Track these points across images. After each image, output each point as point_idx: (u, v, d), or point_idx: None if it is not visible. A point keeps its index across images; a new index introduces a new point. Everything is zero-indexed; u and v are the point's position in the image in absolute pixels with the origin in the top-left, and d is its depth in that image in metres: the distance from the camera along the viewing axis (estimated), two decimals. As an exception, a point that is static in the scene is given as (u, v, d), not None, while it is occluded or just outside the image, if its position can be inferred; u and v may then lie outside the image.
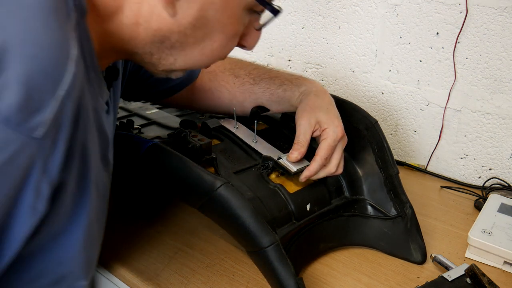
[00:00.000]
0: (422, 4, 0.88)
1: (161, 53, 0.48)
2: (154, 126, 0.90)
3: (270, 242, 0.55)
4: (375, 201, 0.71)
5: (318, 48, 1.06)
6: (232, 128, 0.76)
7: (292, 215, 0.64)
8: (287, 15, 1.08)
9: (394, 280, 0.63)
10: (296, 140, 0.66)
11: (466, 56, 0.86)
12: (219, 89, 0.77)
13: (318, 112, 0.66)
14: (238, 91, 0.75)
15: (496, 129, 0.86)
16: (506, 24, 0.80)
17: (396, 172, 0.70)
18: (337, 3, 0.99)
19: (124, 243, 0.69)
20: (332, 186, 0.70)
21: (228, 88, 0.76)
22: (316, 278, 0.63)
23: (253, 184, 0.65)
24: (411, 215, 0.68)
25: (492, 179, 0.89)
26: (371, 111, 1.00)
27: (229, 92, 0.76)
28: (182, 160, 0.61)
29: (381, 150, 0.72)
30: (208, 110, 0.82)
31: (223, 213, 0.58)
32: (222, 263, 0.66)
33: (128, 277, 0.63)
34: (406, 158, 1.00)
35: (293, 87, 0.71)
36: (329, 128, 0.65)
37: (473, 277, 0.57)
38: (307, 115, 0.66)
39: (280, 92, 0.72)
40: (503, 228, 0.69)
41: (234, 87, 0.76)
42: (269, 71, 0.75)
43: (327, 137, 0.65)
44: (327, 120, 0.66)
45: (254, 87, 0.74)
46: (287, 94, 0.71)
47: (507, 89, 0.83)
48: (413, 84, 0.94)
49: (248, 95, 0.75)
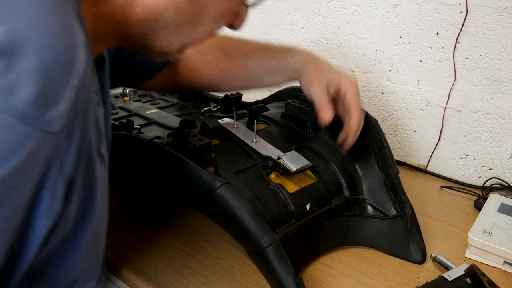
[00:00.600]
0: (422, 4, 0.88)
1: (155, 34, 0.46)
2: (154, 126, 0.90)
3: (270, 242, 0.55)
4: (375, 200, 0.71)
5: (318, 48, 1.05)
6: (231, 128, 0.76)
7: (292, 215, 0.64)
8: (287, 15, 1.08)
9: (394, 280, 0.63)
10: (319, 105, 0.66)
11: (466, 56, 0.86)
12: (208, 67, 0.76)
13: (324, 73, 0.67)
14: (229, 67, 0.75)
15: (496, 129, 0.86)
16: (506, 24, 0.80)
17: (396, 172, 0.70)
18: (337, 3, 0.99)
19: (124, 243, 0.69)
20: (332, 186, 0.70)
21: (218, 65, 0.75)
22: (316, 278, 0.63)
23: (253, 184, 0.65)
24: (411, 215, 0.68)
25: (492, 179, 0.88)
26: (371, 111, 1.00)
27: (220, 69, 0.75)
28: (181, 160, 0.61)
29: (381, 150, 0.72)
30: (195, 89, 0.81)
31: (222, 213, 0.58)
32: (222, 263, 0.66)
33: (128, 277, 0.63)
34: (406, 158, 1.00)
35: (286, 57, 0.72)
36: (343, 80, 0.66)
37: (473, 277, 0.57)
38: (316, 79, 0.67)
39: (273, 63, 0.72)
40: (503, 228, 0.69)
41: (225, 64, 0.75)
42: (260, 45, 0.75)
43: (349, 88, 0.65)
44: (336, 75, 0.67)
45: (247, 62, 0.74)
46: (280, 64, 0.72)
47: (507, 89, 0.83)
48: (413, 84, 0.94)
49: (240, 70, 0.74)
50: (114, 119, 0.91)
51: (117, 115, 0.95)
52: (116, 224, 0.74)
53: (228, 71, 0.75)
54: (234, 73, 0.75)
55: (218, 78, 0.76)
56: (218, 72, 0.75)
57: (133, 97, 1.07)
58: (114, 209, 0.78)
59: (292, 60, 0.71)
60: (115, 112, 0.97)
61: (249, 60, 0.74)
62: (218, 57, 0.75)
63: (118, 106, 1.00)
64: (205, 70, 0.76)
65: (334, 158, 0.73)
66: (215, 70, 0.75)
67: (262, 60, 0.73)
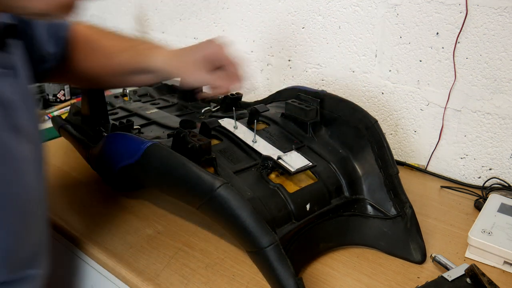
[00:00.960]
0: (422, 4, 0.88)
1: None
2: (154, 126, 0.90)
3: (270, 242, 0.55)
4: (375, 200, 0.71)
5: (318, 48, 1.06)
6: (231, 128, 0.76)
7: (292, 215, 0.64)
8: (287, 15, 1.08)
9: (394, 280, 0.63)
10: (210, 86, 0.69)
11: (466, 56, 0.86)
12: (93, 67, 0.74)
13: (189, 61, 0.69)
14: (107, 64, 0.74)
15: (496, 129, 0.86)
16: (506, 24, 0.80)
17: (396, 172, 0.70)
18: (337, 3, 0.99)
19: (124, 243, 0.69)
20: (332, 186, 0.70)
21: (99, 64, 0.74)
22: (316, 278, 0.63)
23: (253, 184, 0.65)
24: (411, 215, 0.68)
25: (492, 179, 0.88)
26: (371, 111, 1.00)
27: (102, 68, 0.74)
28: (181, 160, 0.61)
29: (381, 150, 0.72)
30: (91, 86, 0.82)
31: (222, 213, 0.58)
32: (222, 263, 0.66)
33: (128, 277, 0.63)
34: (406, 158, 1.00)
35: (147, 59, 0.72)
36: (209, 52, 0.68)
37: (473, 277, 0.57)
38: (187, 72, 0.69)
39: (136, 65, 0.72)
40: (503, 228, 0.69)
41: (105, 62, 0.74)
42: (124, 44, 0.74)
43: (217, 54, 0.68)
44: (200, 52, 0.69)
45: (111, 62, 0.73)
46: (143, 66, 0.72)
47: (507, 89, 0.83)
48: (413, 84, 0.94)
49: (107, 68, 0.74)
50: (114, 119, 0.91)
51: (117, 115, 0.95)
52: (116, 224, 0.74)
53: (107, 69, 0.74)
54: (111, 71, 0.74)
55: (98, 77, 0.75)
56: (100, 70, 0.75)
57: (133, 97, 1.07)
58: (114, 209, 0.78)
59: (153, 63, 0.71)
60: (115, 112, 0.97)
61: (113, 60, 0.73)
62: (99, 56, 0.74)
63: (118, 106, 1.00)
64: (90, 71, 0.75)
65: (334, 158, 0.73)
66: (98, 69, 0.75)
67: (126, 60, 0.73)
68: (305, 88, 0.85)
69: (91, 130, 0.85)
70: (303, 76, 1.10)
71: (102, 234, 0.71)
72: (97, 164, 0.77)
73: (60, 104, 1.17)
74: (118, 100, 1.05)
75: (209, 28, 1.25)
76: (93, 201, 0.79)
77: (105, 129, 0.84)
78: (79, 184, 0.85)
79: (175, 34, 1.34)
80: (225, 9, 1.20)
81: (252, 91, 1.17)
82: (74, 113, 0.93)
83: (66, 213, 0.76)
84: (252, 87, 1.19)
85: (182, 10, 1.29)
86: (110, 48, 0.74)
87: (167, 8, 1.33)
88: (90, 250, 0.69)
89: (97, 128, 0.84)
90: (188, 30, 1.30)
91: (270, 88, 1.17)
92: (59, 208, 0.77)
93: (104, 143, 0.73)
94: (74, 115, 0.93)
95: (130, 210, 0.77)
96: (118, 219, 0.75)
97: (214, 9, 1.22)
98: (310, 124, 0.78)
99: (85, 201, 0.79)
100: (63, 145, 0.98)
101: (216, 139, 0.75)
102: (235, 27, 1.19)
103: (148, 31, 1.40)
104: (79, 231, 0.72)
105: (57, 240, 0.81)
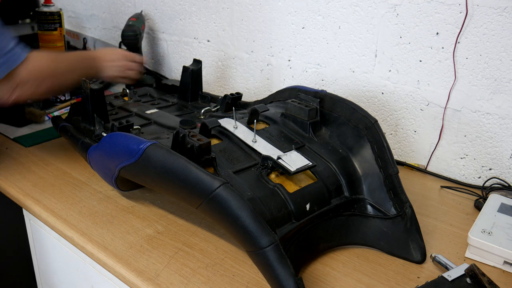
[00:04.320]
0: (422, 4, 0.88)
1: None
2: (154, 126, 0.90)
3: (270, 242, 0.55)
4: (375, 200, 0.71)
5: (318, 48, 1.05)
6: (231, 128, 0.76)
7: (292, 215, 0.64)
8: (287, 15, 1.08)
9: (394, 280, 0.63)
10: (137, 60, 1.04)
11: (466, 56, 0.86)
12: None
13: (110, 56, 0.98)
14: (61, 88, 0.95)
15: (496, 129, 0.86)
16: (506, 24, 0.80)
17: (396, 172, 0.70)
18: (337, 3, 0.99)
19: (124, 243, 0.69)
20: (332, 186, 0.70)
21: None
22: (316, 278, 0.63)
23: (253, 184, 0.65)
24: (410, 214, 0.68)
25: (492, 179, 0.88)
26: (371, 111, 1.00)
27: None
28: (181, 160, 0.61)
29: (380, 150, 0.72)
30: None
31: (222, 213, 0.58)
32: (222, 263, 0.66)
33: (128, 277, 0.63)
34: (406, 158, 1.00)
35: (95, 71, 0.96)
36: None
37: (473, 277, 0.57)
38: (113, 64, 0.98)
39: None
40: (503, 228, 0.69)
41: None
42: (74, 62, 0.93)
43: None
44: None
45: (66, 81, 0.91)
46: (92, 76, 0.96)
47: (507, 89, 0.83)
48: (413, 84, 0.94)
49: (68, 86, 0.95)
50: (114, 119, 0.91)
51: (117, 115, 0.95)
52: (116, 224, 0.74)
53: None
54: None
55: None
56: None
57: (133, 97, 1.07)
58: (114, 209, 0.78)
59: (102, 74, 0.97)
60: (115, 112, 0.97)
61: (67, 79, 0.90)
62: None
63: (118, 106, 1.00)
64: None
65: (334, 158, 0.73)
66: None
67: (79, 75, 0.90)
68: (305, 88, 0.85)
69: (91, 130, 0.85)
70: (303, 76, 1.10)
71: (102, 234, 0.71)
72: (97, 164, 0.77)
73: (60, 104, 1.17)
74: (118, 100, 1.05)
75: (209, 28, 1.25)
76: (93, 201, 0.79)
77: (105, 129, 0.84)
78: (79, 184, 0.85)
79: (175, 34, 1.34)
80: (225, 9, 1.20)
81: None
82: (74, 113, 0.93)
83: (66, 213, 0.76)
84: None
85: (182, 10, 1.29)
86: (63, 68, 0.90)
87: (167, 8, 1.33)
88: (90, 250, 0.69)
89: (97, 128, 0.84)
90: (188, 30, 1.30)
91: (270, 88, 1.17)
92: (59, 208, 0.77)
93: (104, 143, 0.73)
94: (74, 115, 0.93)
95: (130, 210, 0.77)
96: (118, 219, 0.75)
97: (214, 9, 1.22)
98: (310, 124, 0.78)
99: (85, 201, 0.79)
100: (63, 145, 0.98)
101: (216, 139, 0.75)
102: (235, 27, 1.19)
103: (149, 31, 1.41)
104: (79, 231, 0.72)
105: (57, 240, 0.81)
